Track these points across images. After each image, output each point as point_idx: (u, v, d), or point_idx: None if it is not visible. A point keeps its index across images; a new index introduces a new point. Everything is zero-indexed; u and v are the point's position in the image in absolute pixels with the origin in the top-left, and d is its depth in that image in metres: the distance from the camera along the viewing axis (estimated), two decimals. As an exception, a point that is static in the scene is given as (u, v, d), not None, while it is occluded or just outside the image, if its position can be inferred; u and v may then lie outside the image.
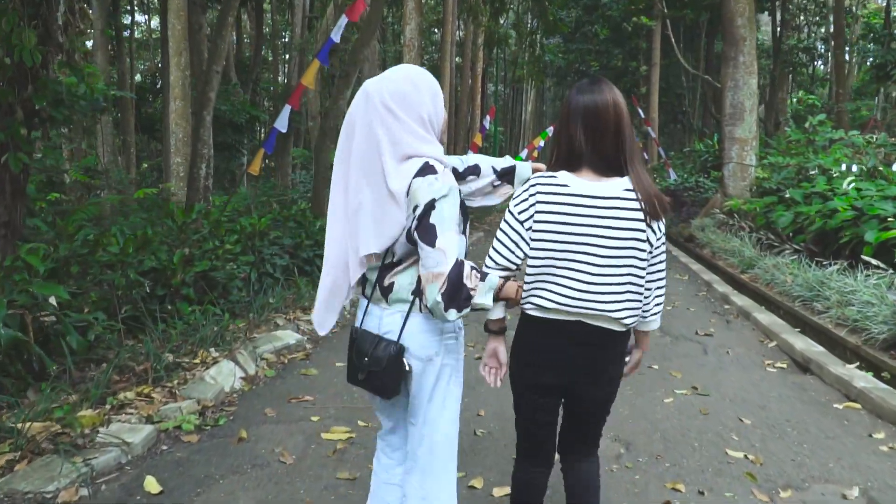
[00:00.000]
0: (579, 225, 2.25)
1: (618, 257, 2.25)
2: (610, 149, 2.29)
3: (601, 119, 2.29)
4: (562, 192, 2.27)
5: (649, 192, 2.27)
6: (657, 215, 2.27)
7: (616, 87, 2.41)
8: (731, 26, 15.05)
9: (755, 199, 13.79)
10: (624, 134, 2.32)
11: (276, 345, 5.67)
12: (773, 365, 5.93)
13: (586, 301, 2.27)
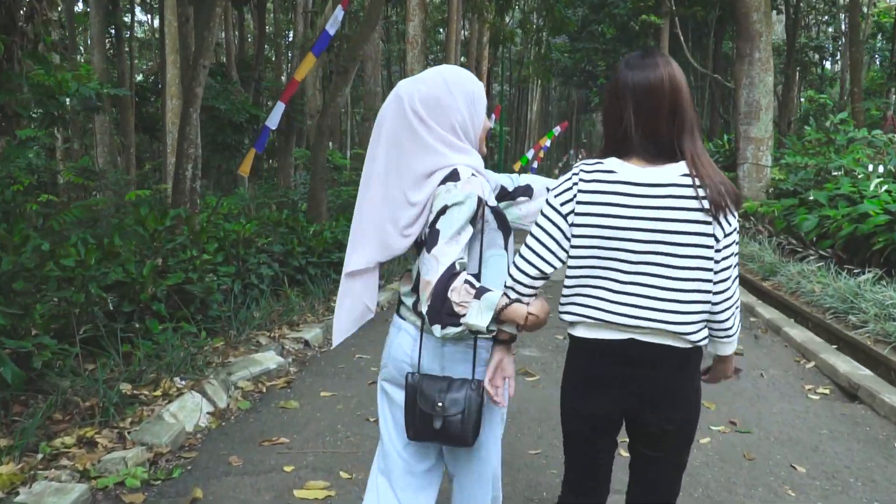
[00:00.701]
0: (629, 218, 1.89)
1: (678, 256, 1.88)
2: (665, 132, 1.93)
3: (654, 98, 1.92)
4: (608, 178, 1.92)
5: (714, 178, 1.88)
6: (722, 206, 1.86)
7: (674, 61, 2.00)
8: (745, 21, 14.42)
9: (772, 201, 13.19)
10: (682, 114, 1.93)
11: (253, 370, 5.00)
12: (816, 391, 5.27)
13: (643, 313, 1.91)
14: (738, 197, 1.91)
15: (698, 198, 1.85)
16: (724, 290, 1.93)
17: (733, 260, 1.92)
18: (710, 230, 1.86)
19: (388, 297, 8.40)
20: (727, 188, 1.88)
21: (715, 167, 1.92)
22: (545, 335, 6.88)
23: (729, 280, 1.93)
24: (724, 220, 1.87)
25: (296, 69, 20.99)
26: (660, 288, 1.90)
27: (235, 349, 5.43)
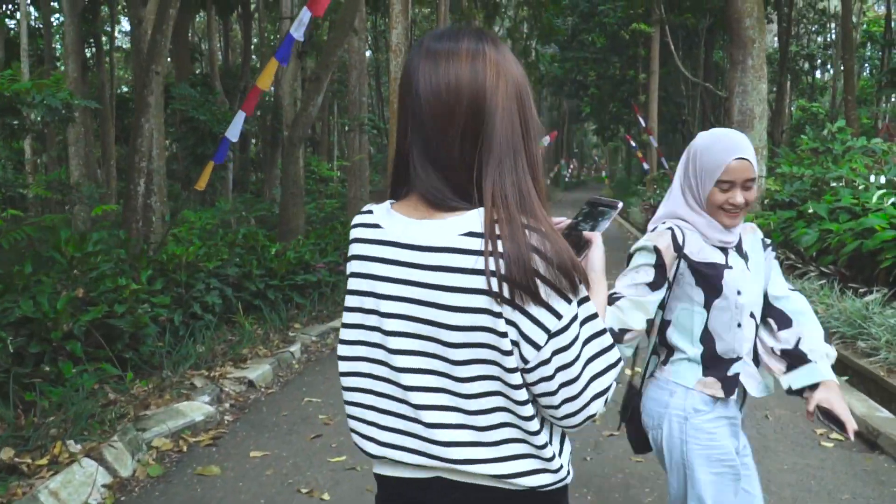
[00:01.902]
0: (394, 299, 1.24)
1: (460, 363, 1.20)
2: (456, 161, 1.21)
3: (441, 105, 1.20)
4: (370, 235, 1.30)
5: (520, 242, 1.13)
6: (526, 287, 1.13)
7: (506, 49, 1.26)
8: (738, 27, 13.87)
9: (768, 212, 12.60)
10: (491, 134, 1.20)
11: (173, 424, 4.28)
12: (829, 436, 4.60)
13: (413, 435, 1.26)
14: (567, 274, 1.15)
15: (482, 272, 1.15)
16: (566, 401, 1.21)
17: (559, 378, 1.19)
18: (501, 326, 1.15)
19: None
20: (548, 260, 1.14)
21: (543, 225, 1.17)
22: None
23: (572, 386, 1.20)
24: (534, 308, 1.15)
25: (283, 79, 20.31)
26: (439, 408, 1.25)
27: (160, 396, 4.71)
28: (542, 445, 1.24)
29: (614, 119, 42.64)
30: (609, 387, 1.25)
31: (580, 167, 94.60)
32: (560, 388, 1.19)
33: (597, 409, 1.25)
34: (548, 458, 1.25)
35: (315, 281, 8.20)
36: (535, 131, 1.28)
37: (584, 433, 4.55)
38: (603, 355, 1.23)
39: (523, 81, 1.27)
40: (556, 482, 1.27)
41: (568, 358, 1.18)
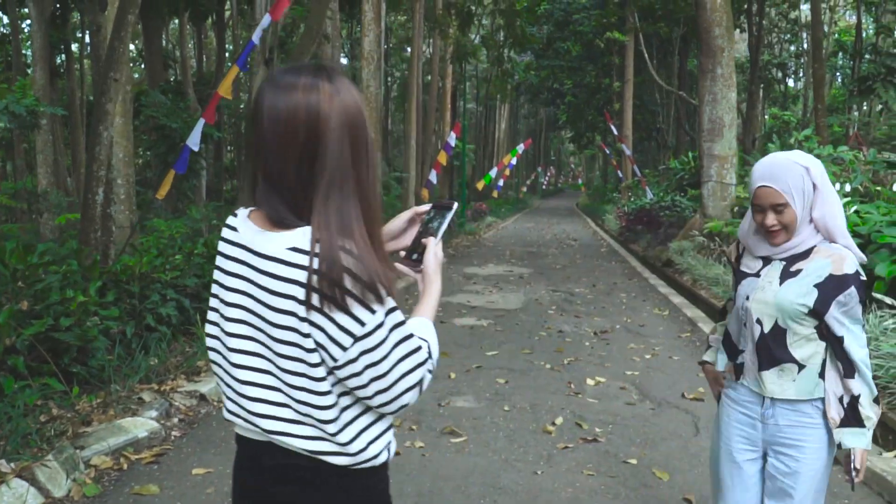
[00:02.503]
0: (235, 291, 1.49)
1: (282, 356, 1.44)
2: (292, 183, 1.43)
3: (282, 133, 1.41)
4: (229, 237, 1.54)
5: (336, 258, 1.36)
6: (331, 297, 1.35)
7: (344, 85, 1.46)
8: (708, 37, 13.95)
9: (738, 220, 12.65)
10: (323, 162, 1.41)
11: (114, 441, 4.14)
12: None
13: (240, 406, 1.52)
14: (373, 289, 1.36)
15: (297, 282, 1.37)
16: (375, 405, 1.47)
17: (364, 376, 1.41)
18: (306, 329, 1.38)
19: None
20: (355, 277, 1.35)
21: (357, 247, 1.38)
22: (485, 377, 6.13)
23: (373, 395, 1.44)
24: (339, 316, 1.36)
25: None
26: (251, 382, 1.49)
27: (104, 411, 4.58)
28: (335, 433, 1.45)
29: (590, 127, 42.81)
30: (419, 381, 1.46)
31: (557, 175, 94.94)
32: (371, 382, 1.41)
33: (409, 400, 1.47)
34: (343, 443, 1.46)
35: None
36: (370, 158, 1.47)
37: (537, 444, 4.48)
38: (412, 356, 1.44)
39: (357, 113, 1.44)
40: (356, 464, 1.48)
41: (375, 357, 1.39)
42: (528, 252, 17.92)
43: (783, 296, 2.23)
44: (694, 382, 6.07)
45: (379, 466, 1.54)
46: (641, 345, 7.55)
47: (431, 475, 3.97)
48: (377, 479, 1.56)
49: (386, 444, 1.54)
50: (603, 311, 9.61)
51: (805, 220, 2.22)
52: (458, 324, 8.59)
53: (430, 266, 1.66)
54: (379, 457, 1.52)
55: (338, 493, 1.50)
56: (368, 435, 1.50)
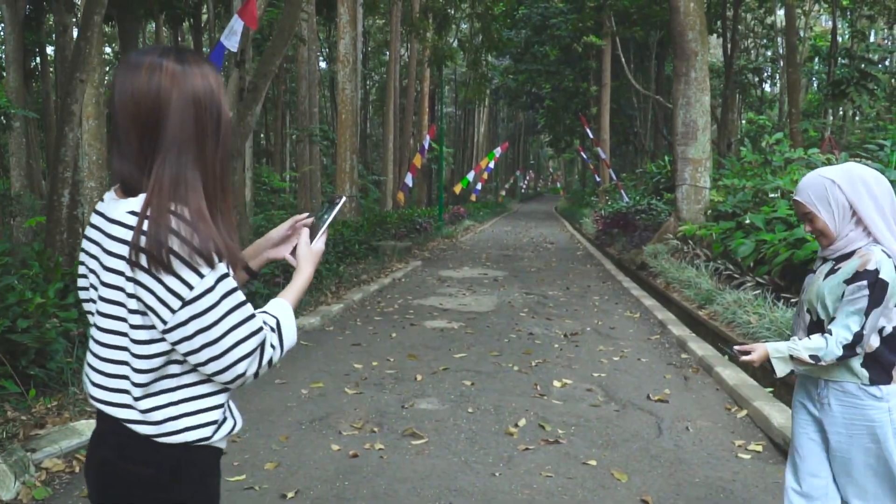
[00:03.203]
0: (90, 256, 1.56)
1: (105, 315, 1.51)
2: (133, 155, 1.51)
3: (123, 109, 1.50)
4: (97, 209, 1.60)
5: (156, 225, 1.41)
6: (157, 259, 1.40)
7: (195, 64, 1.54)
8: (681, 41, 14.02)
9: (711, 223, 12.73)
10: (163, 134, 1.49)
11: (67, 444, 4.06)
12: (747, 448, 4.57)
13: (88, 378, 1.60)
14: (201, 253, 1.42)
15: (127, 242, 1.43)
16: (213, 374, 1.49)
17: (195, 342, 1.44)
18: (131, 289, 1.44)
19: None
20: (182, 240, 1.41)
21: (189, 212, 1.44)
22: (451, 379, 6.11)
23: (207, 361, 1.47)
24: (167, 277, 1.41)
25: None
26: (95, 353, 1.55)
27: (59, 414, 4.51)
28: (139, 397, 1.48)
29: (568, 131, 42.95)
30: (254, 351, 1.48)
31: (537, 179, 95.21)
32: (203, 347, 1.44)
33: (246, 369, 1.48)
34: (143, 410, 1.48)
35: (246, 294, 8.02)
36: (220, 136, 1.55)
37: (498, 446, 4.46)
38: (246, 323, 1.46)
39: (204, 92, 1.52)
40: (158, 434, 1.49)
41: (205, 322, 1.42)
42: (504, 255, 17.93)
43: (821, 289, 2.53)
44: (660, 384, 6.09)
45: (197, 446, 1.53)
46: (610, 347, 7.56)
47: (388, 477, 3.93)
48: (194, 458, 1.54)
49: (205, 422, 1.53)
50: (575, 313, 9.62)
51: (844, 225, 2.49)
52: (428, 326, 8.56)
53: (301, 254, 1.76)
54: (189, 433, 1.51)
55: (144, 466, 1.50)
56: (182, 408, 1.50)
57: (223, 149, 1.56)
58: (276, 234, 1.84)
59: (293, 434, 4.62)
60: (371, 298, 10.64)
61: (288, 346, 1.59)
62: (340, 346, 7.37)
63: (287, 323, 1.59)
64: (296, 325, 1.63)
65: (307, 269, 1.74)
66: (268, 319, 1.56)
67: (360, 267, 13.39)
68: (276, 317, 1.58)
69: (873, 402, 2.43)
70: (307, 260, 1.75)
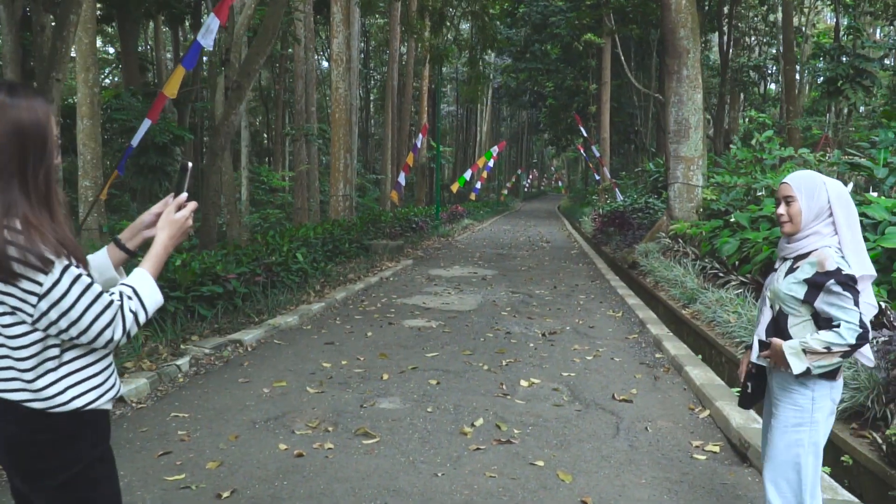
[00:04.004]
0: None
1: None
2: None
3: None
4: None
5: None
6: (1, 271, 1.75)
7: (28, 98, 1.83)
8: (673, 38, 13.94)
9: (702, 222, 12.65)
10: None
11: None
12: (704, 448, 4.52)
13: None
14: (38, 256, 1.72)
15: None
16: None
17: (62, 323, 1.77)
18: None
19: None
20: (19, 248, 1.70)
21: (22, 226, 1.73)
22: (418, 379, 6.07)
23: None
24: (20, 281, 1.73)
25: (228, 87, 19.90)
26: None
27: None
28: (31, 380, 1.80)
29: (569, 129, 42.84)
30: (113, 318, 1.80)
31: (540, 177, 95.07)
32: (70, 327, 1.77)
33: (112, 335, 1.81)
34: (37, 389, 1.80)
35: (222, 292, 8.01)
36: (45, 161, 1.81)
37: (449, 446, 4.42)
38: (98, 300, 1.78)
39: (29, 124, 1.78)
40: (50, 407, 1.82)
41: (64, 307, 1.74)
42: (498, 254, 17.88)
43: (781, 286, 2.81)
44: (628, 384, 6.05)
45: (86, 411, 1.87)
46: (586, 346, 7.52)
47: (328, 477, 3.89)
48: (86, 419, 1.87)
49: (87, 389, 1.87)
50: (558, 312, 9.57)
51: (809, 223, 2.78)
52: (406, 325, 8.53)
53: (159, 223, 2.03)
54: (76, 401, 1.84)
55: (44, 433, 1.82)
56: (67, 382, 1.84)
57: (47, 168, 1.82)
58: (147, 216, 2.10)
59: (244, 433, 4.59)
60: (355, 297, 10.61)
61: (152, 306, 1.90)
62: (313, 345, 7.34)
63: (144, 288, 1.88)
64: (156, 287, 1.93)
65: (161, 235, 1.99)
66: (124, 290, 1.85)
67: (350, 266, 13.36)
68: (131, 286, 1.87)
69: (802, 388, 2.83)
70: (163, 228, 2.00)
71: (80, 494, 1.90)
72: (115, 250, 2.09)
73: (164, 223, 2.01)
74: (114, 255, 2.09)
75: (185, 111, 26.00)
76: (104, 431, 1.95)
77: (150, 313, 1.90)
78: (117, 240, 2.12)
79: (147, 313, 1.87)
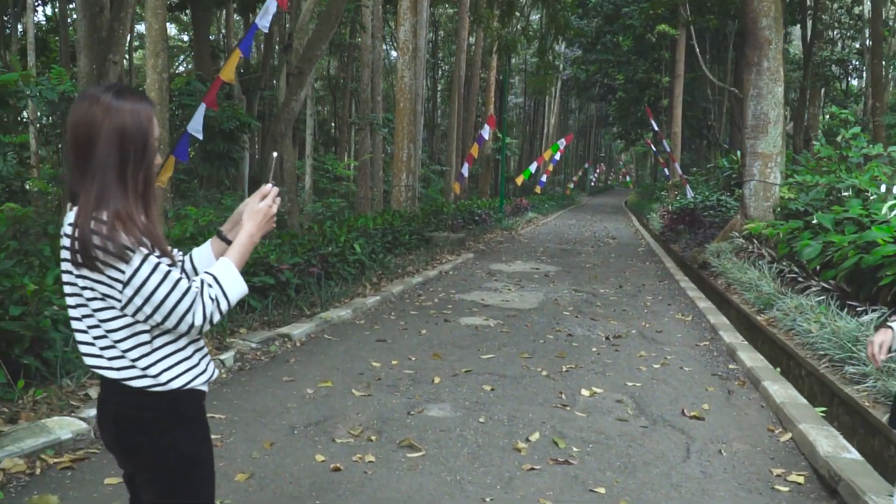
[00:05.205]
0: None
1: (71, 307, 1.94)
2: (76, 172, 1.87)
3: (69, 134, 1.87)
4: None
5: (82, 230, 1.80)
6: (78, 261, 1.81)
7: (133, 101, 1.90)
8: (754, 28, 13.23)
9: (779, 222, 11.97)
10: (88, 157, 1.85)
11: (32, 442, 3.77)
12: (786, 479, 4.04)
13: None
14: (116, 248, 1.78)
15: (66, 248, 1.85)
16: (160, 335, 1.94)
17: (146, 309, 1.84)
18: (74, 280, 1.87)
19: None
20: (102, 238, 1.78)
21: (108, 218, 1.80)
22: (471, 383, 5.71)
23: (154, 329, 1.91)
24: (107, 270, 1.80)
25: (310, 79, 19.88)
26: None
27: (34, 409, 4.28)
28: (136, 358, 1.89)
29: (638, 123, 41.84)
30: (192, 304, 1.84)
31: (608, 172, 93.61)
32: (154, 312, 1.83)
33: (193, 320, 1.85)
34: (142, 368, 1.89)
35: (274, 283, 7.78)
36: (145, 160, 1.90)
37: (501, 464, 4.04)
38: (176, 287, 1.83)
39: (132, 126, 1.86)
40: (151, 385, 1.90)
41: (146, 292, 1.80)
42: (562, 250, 17.38)
43: None
44: (699, 397, 5.57)
45: (184, 390, 1.95)
46: (653, 352, 7.04)
47: (365, 497, 3.55)
48: (184, 399, 1.96)
49: (182, 371, 1.95)
50: (623, 314, 9.09)
51: None
52: (463, 323, 8.17)
53: (245, 213, 2.06)
54: (174, 381, 1.92)
55: (147, 411, 1.91)
56: (164, 363, 1.92)
57: (146, 172, 1.90)
58: (244, 206, 2.10)
59: (280, 440, 4.28)
60: (412, 291, 10.29)
61: (234, 295, 1.94)
62: (364, 342, 7.03)
63: (226, 276, 1.93)
64: (239, 276, 1.96)
65: (246, 225, 2.02)
66: (205, 278, 1.91)
67: (409, 258, 13.08)
68: (212, 274, 1.92)
69: None
70: (248, 218, 2.03)
71: (180, 474, 1.97)
72: (218, 242, 2.15)
73: (248, 214, 2.04)
74: (217, 248, 2.15)
75: (254, 99, 26.14)
76: (201, 412, 2.04)
77: (234, 302, 1.94)
78: (219, 232, 2.17)
79: (229, 301, 1.92)
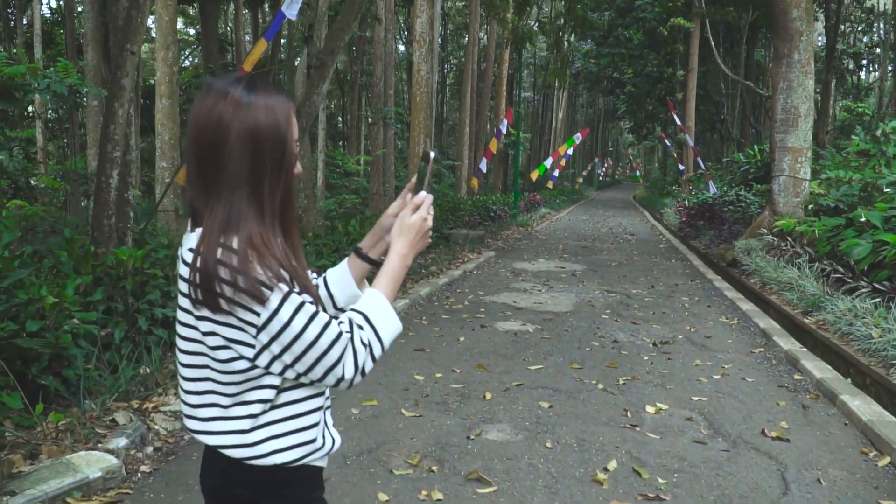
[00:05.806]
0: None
1: (184, 352, 1.52)
2: (198, 182, 1.48)
3: (189, 135, 1.49)
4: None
5: (206, 260, 1.39)
6: (199, 298, 1.40)
7: (268, 95, 1.48)
8: (784, 19, 12.76)
9: (811, 218, 11.53)
10: (216, 166, 1.45)
11: (57, 484, 3.31)
12: (899, 513, 3.61)
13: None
14: (249, 283, 1.36)
15: (187, 281, 1.43)
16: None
17: (286, 358, 1.43)
18: (193, 323, 1.46)
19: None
20: (233, 270, 1.36)
21: (239, 245, 1.39)
22: (525, 399, 5.27)
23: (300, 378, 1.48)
24: (237, 310, 1.38)
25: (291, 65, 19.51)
26: (183, 387, 1.56)
27: (58, 439, 3.83)
28: (239, 424, 1.49)
29: (650, 117, 41.35)
30: (342, 355, 1.44)
31: (615, 166, 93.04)
32: (294, 361, 1.44)
33: (343, 374, 1.45)
34: (242, 433, 1.49)
35: (301, 288, 7.34)
36: (281, 171, 1.48)
37: (584, 501, 3.60)
38: (324, 333, 1.43)
39: (268, 127, 1.45)
40: (249, 458, 1.49)
41: (286, 340, 1.42)
42: (582, 247, 16.93)
43: None
44: (774, 414, 5.12)
45: (292, 467, 1.53)
46: (708, 361, 6.59)
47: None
48: (290, 478, 1.54)
49: (294, 444, 1.52)
50: (663, 317, 8.64)
51: None
52: (500, 328, 7.72)
53: (393, 229, 1.64)
54: (278, 455, 1.51)
55: (242, 488, 1.52)
56: (273, 430, 1.50)
57: (285, 184, 1.50)
58: (387, 219, 1.74)
59: (334, 474, 3.81)
60: (439, 293, 9.85)
61: (388, 335, 1.53)
62: (401, 351, 6.58)
63: (378, 313, 1.53)
64: (393, 312, 1.56)
65: (396, 244, 1.61)
66: (354, 317, 1.51)
67: (430, 257, 12.65)
68: (362, 312, 1.52)
69: None
70: (398, 235, 1.61)
71: None
72: (356, 261, 1.76)
73: (398, 229, 1.62)
74: (355, 268, 1.76)
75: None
76: (314, 493, 1.61)
77: (388, 345, 1.53)
78: (357, 249, 1.77)
79: (384, 346, 1.52)
